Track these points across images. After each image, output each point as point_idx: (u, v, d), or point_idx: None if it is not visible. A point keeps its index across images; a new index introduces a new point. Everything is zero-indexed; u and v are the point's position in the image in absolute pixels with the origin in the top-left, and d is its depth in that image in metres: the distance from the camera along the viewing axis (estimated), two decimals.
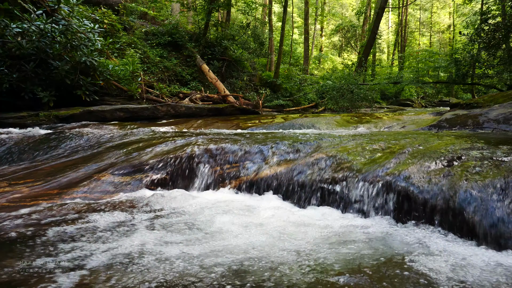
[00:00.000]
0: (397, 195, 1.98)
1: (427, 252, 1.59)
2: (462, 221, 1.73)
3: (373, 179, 2.10)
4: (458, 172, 1.93)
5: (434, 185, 1.90)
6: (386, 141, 2.94)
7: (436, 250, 1.61)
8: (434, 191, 1.87)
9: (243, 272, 1.38)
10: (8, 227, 1.86)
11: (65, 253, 1.53)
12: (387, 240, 1.72)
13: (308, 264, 1.46)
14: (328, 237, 1.78)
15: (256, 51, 18.90)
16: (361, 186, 2.09)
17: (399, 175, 2.05)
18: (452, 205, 1.77)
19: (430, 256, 1.55)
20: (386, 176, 2.10)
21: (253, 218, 2.07)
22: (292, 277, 1.34)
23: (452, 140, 2.90)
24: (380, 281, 1.32)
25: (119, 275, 1.34)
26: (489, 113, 4.61)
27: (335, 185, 2.21)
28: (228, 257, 1.52)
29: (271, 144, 3.05)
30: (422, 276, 1.36)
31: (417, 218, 1.88)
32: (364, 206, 2.05)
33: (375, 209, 2.01)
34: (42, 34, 6.87)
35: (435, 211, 1.83)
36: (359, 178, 2.16)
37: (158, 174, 2.69)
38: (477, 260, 1.50)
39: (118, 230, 1.81)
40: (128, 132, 4.51)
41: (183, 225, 1.93)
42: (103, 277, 1.32)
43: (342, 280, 1.31)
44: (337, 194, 2.18)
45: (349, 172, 2.25)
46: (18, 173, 2.91)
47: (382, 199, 2.00)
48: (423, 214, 1.86)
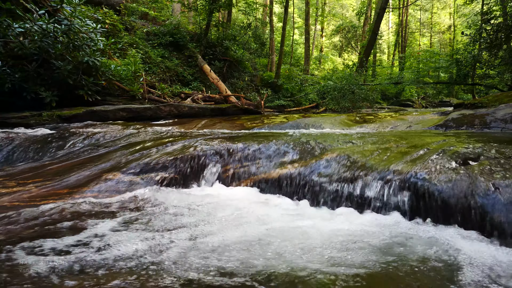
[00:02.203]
0: (416, 194, 1.95)
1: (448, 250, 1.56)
2: (484, 220, 1.71)
3: (391, 178, 2.08)
4: (478, 171, 1.91)
5: (454, 184, 1.87)
6: (397, 140, 2.92)
7: (456, 248, 1.59)
8: (455, 190, 1.85)
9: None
10: (18, 227, 1.83)
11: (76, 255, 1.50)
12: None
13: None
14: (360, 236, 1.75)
15: (257, 52, 18.88)
16: (379, 185, 2.07)
17: (417, 174, 2.02)
18: (474, 204, 1.75)
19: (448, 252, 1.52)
20: (404, 175, 2.08)
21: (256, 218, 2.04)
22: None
23: (464, 139, 2.88)
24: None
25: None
26: (496, 113, 4.59)
27: (352, 184, 2.18)
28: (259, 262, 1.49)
29: (281, 143, 3.03)
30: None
31: (439, 217, 1.85)
32: (383, 205, 2.02)
33: (396, 207, 1.98)
34: (45, 34, 6.83)
35: (456, 210, 1.80)
36: (376, 177, 2.14)
37: (168, 173, 2.66)
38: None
39: (133, 227, 1.78)
40: (133, 132, 4.48)
41: (194, 226, 1.90)
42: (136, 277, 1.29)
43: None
44: (355, 194, 2.15)
45: (366, 171, 2.23)
46: (26, 173, 2.88)
47: (402, 197, 1.98)
48: (446, 213, 1.84)
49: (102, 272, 1.32)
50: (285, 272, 1.36)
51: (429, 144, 2.61)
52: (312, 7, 27.28)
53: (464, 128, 4.47)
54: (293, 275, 1.33)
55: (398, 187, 2.01)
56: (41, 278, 1.27)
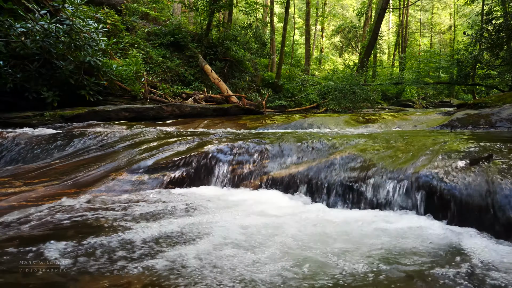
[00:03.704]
0: (429, 193, 1.94)
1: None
2: (501, 219, 1.69)
3: (404, 177, 2.06)
4: (492, 170, 1.89)
5: (469, 183, 1.85)
6: (405, 140, 2.90)
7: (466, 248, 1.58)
8: (469, 189, 1.83)
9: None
10: (27, 227, 1.80)
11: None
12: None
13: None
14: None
15: (258, 52, 18.86)
16: (392, 185, 2.05)
17: (430, 173, 2.01)
18: (490, 203, 1.73)
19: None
20: (417, 174, 2.06)
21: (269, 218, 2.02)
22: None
23: (473, 139, 2.86)
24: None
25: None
26: (501, 113, 4.58)
27: (364, 184, 2.16)
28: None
29: (287, 142, 3.01)
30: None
31: (453, 217, 1.83)
32: (396, 204, 2.00)
33: (410, 206, 1.96)
34: (46, 34, 6.80)
35: (470, 209, 1.78)
36: (388, 177, 2.12)
37: (176, 172, 2.64)
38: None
39: (147, 227, 1.76)
40: (137, 132, 4.45)
41: (205, 225, 1.88)
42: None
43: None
44: (369, 193, 2.13)
45: (377, 171, 2.21)
46: (32, 172, 2.85)
47: (415, 197, 1.96)
48: (461, 212, 1.82)
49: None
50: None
51: (439, 144, 2.59)
52: (313, 8, 27.29)
53: (469, 128, 4.46)
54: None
55: (413, 186, 1.99)
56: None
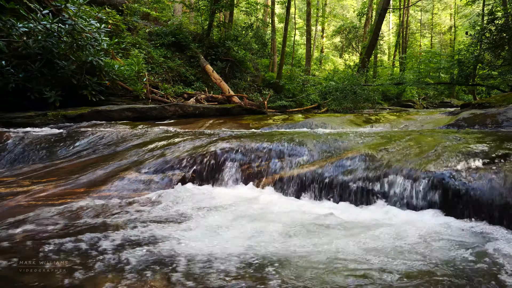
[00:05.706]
0: (445, 191, 1.91)
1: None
2: None
3: (419, 175, 2.03)
4: (510, 168, 1.87)
5: (487, 181, 1.83)
6: (415, 139, 2.88)
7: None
8: (488, 187, 1.81)
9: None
10: (37, 226, 1.77)
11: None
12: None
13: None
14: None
15: (259, 52, 18.84)
16: (408, 183, 2.02)
17: (447, 171, 1.98)
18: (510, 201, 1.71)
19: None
20: (433, 172, 2.03)
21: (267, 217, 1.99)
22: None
23: (483, 138, 2.84)
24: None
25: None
26: (508, 112, 4.57)
27: (378, 182, 2.14)
28: None
29: (295, 143, 2.98)
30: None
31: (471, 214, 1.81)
32: (412, 202, 1.98)
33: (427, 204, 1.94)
34: (49, 34, 6.77)
35: (487, 207, 1.76)
36: (403, 175, 2.09)
37: (185, 171, 2.61)
38: None
39: (159, 226, 1.73)
40: (142, 132, 4.43)
41: (214, 225, 1.85)
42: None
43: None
44: (384, 191, 2.10)
45: (392, 169, 2.19)
46: (39, 172, 2.82)
47: (433, 195, 1.94)
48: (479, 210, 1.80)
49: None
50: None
51: (449, 142, 2.57)
52: (313, 8, 27.29)
53: (476, 127, 4.45)
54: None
55: (430, 185, 1.97)
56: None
